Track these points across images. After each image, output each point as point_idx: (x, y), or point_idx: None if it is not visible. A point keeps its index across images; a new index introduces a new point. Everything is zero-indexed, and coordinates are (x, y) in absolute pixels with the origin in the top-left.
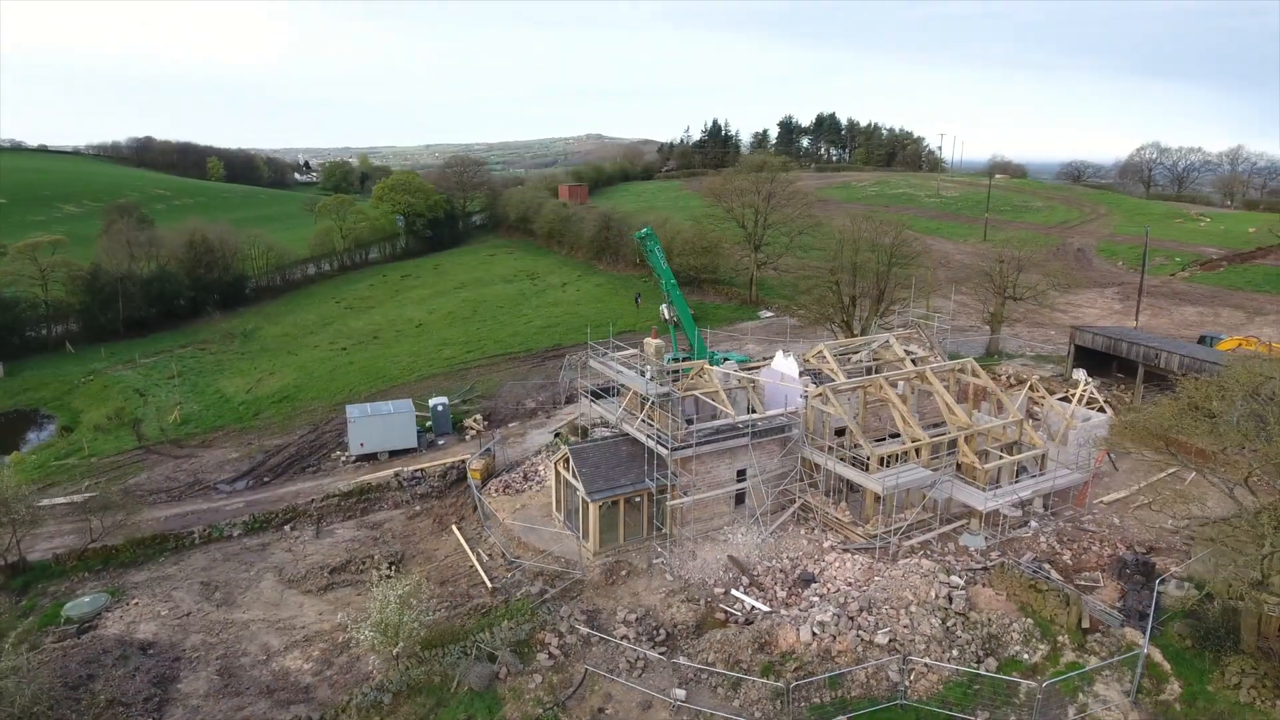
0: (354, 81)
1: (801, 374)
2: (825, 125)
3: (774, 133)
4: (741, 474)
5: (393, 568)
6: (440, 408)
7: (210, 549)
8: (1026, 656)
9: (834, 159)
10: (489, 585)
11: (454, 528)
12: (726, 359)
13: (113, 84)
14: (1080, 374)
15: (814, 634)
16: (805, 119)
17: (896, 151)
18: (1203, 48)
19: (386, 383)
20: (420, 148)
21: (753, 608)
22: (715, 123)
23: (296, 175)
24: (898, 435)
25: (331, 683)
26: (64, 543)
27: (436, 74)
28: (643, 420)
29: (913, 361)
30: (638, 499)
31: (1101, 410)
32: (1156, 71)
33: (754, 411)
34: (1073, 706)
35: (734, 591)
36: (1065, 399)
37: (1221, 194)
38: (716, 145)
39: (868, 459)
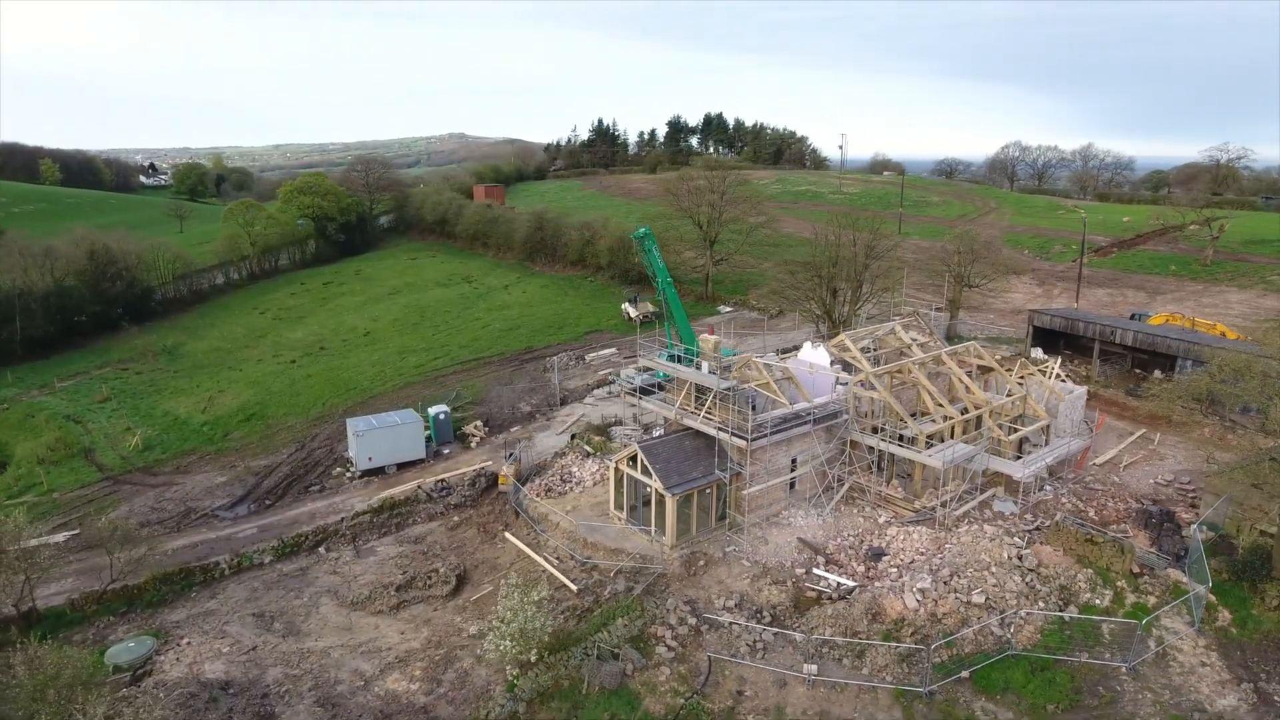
0: (188, 77)
1: (832, 363)
2: (714, 125)
3: (662, 132)
4: (793, 461)
5: (460, 580)
6: (442, 416)
7: (244, 579)
8: (1097, 601)
9: (722, 157)
10: (573, 588)
11: (507, 535)
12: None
13: None
14: (1037, 352)
15: (918, 601)
16: (692, 118)
17: (783, 150)
18: (1027, 54)
19: (360, 394)
20: (269, 148)
21: (838, 584)
22: (601, 122)
23: (143, 179)
24: (915, 415)
25: (449, 699)
26: (65, 586)
27: (282, 72)
28: (704, 415)
29: (919, 347)
30: (708, 490)
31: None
32: (989, 75)
33: (793, 401)
34: (1151, 640)
35: (815, 570)
36: (1041, 374)
37: (1076, 188)
38: (605, 144)
39: (913, 438)
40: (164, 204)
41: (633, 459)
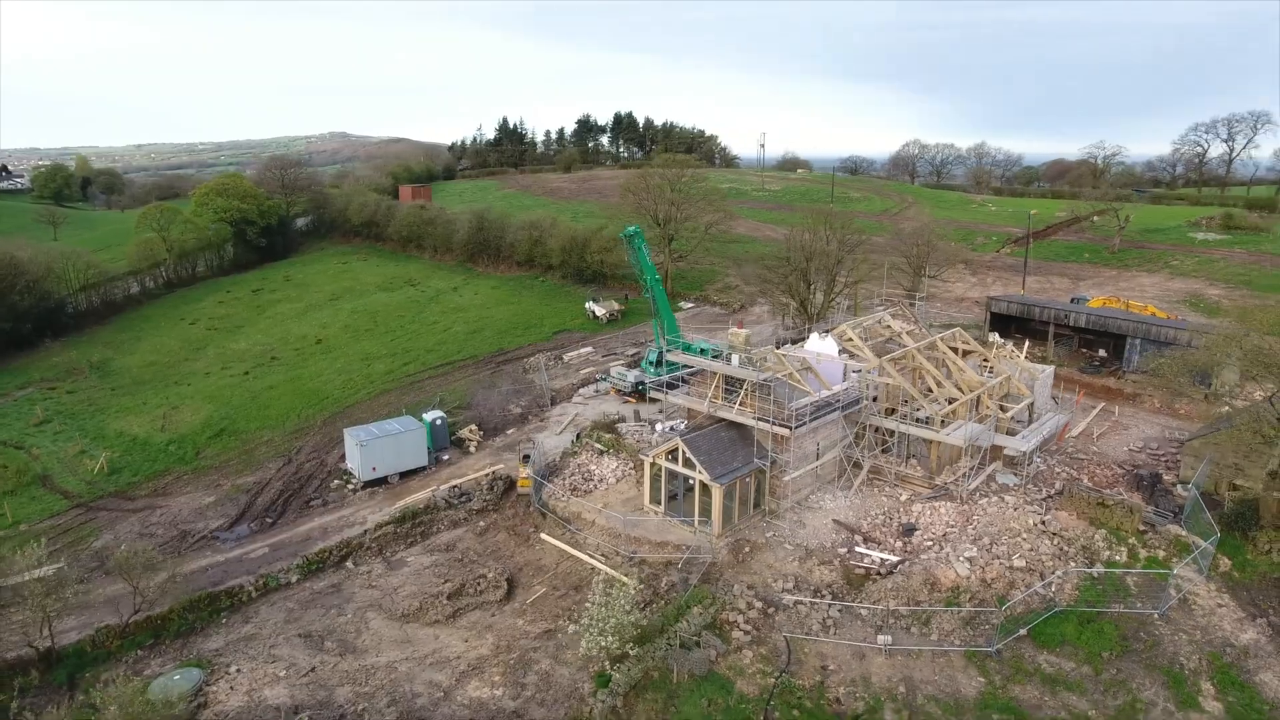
0: (26, 68)
1: (840, 353)
2: (624, 124)
3: (571, 130)
4: (817, 446)
5: (510, 584)
6: (439, 422)
7: (273, 600)
8: (1117, 557)
9: (634, 156)
10: (629, 582)
11: (544, 535)
12: (702, 350)
13: None
14: (994, 336)
15: (969, 568)
16: (601, 117)
17: (694, 148)
18: (898, 56)
19: (334, 404)
20: (130, 148)
21: (882, 559)
22: (507, 121)
23: None
24: (910, 400)
25: (539, 701)
26: (73, 622)
27: (137, 66)
28: (739, 406)
29: (909, 335)
30: (748, 479)
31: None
32: (861, 75)
33: (815, 390)
34: (1171, 588)
35: (858, 549)
36: (1012, 357)
37: (971, 183)
38: (512, 144)
39: (928, 419)
40: (31, 210)
41: (671, 453)
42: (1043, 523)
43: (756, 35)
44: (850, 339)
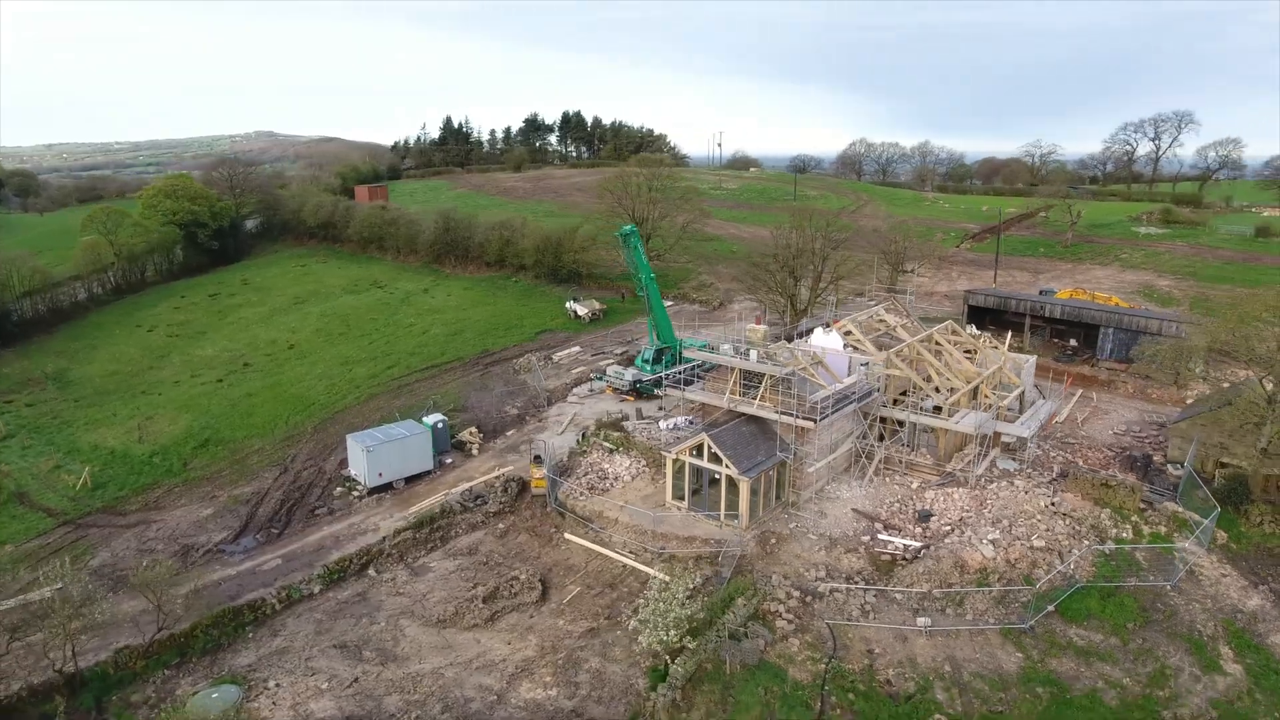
0: None
1: (845, 347)
2: (572, 123)
3: (518, 129)
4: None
5: (543, 584)
6: (440, 425)
7: (298, 612)
8: (1124, 534)
9: (583, 156)
10: (663, 578)
11: (568, 535)
12: (694, 346)
13: None
14: (971, 328)
15: (993, 550)
16: (549, 116)
17: (643, 147)
18: (829, 57)
19: (321, 410)
20: (40, 148)
21: (905, 545)
22: (450, 120)
23: None
24: (909, 391)
25: (597, 699)
26: (88, 644)
27: (46, 62)
28: (759, 401)
29: (903, 329)
30: (770, 472)
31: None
32: (797, 76)
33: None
34: (1178, 561)
35: (880, 536)
36: (995, 348)
37: (917, 181)
38: (458, 143)
39: (936, 409)
40: None
41: (696, 449)
42: (1053, 504)
43: (685, 35)
44: (851, 333)
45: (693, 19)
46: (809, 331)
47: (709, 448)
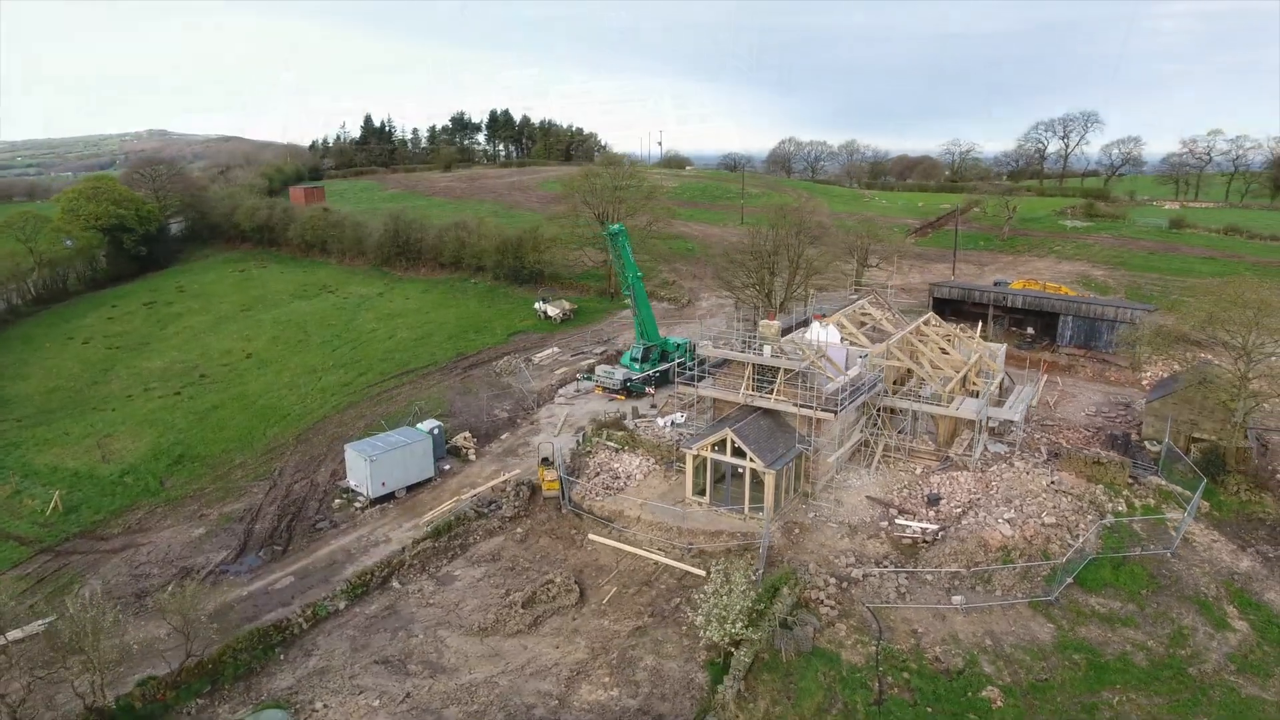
0: None
1: (841, 340)
2: (500, 122)
3: (440, 128)
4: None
5: (580, 587)
6: (436, 431)
7: (327, 629)
8: (1121, 508)
9: (512, 155)
10: (701, 573)
11: (593, 536)
12: (679, 344)
13: None
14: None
15: (1011, 529)
16: (475, 115)
17: (573, 147)
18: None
19: (298, 421)
20: None
21: (923, 529)
22: (369, 118)
23: None
24: (901, 381)
25: (661, 696)
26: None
27: None
28: (776, 395)
29: (889, 322)
30: (790, 463)
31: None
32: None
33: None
34: (1171, 530)
35: (897, 520)
36: (971, 338)
37: (845, 177)
38: (380, 142)
39: (935, 396)
40: None
41: (718, 444)
42: (1053, 483)
43: (587, 32)
44: (844, 326)
45: (581, 20)
46: (801, 325)
47: (732, 442)
